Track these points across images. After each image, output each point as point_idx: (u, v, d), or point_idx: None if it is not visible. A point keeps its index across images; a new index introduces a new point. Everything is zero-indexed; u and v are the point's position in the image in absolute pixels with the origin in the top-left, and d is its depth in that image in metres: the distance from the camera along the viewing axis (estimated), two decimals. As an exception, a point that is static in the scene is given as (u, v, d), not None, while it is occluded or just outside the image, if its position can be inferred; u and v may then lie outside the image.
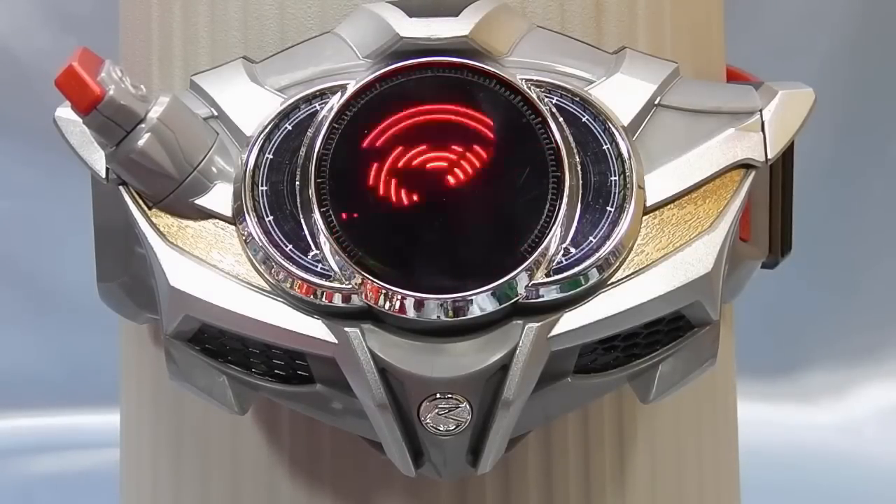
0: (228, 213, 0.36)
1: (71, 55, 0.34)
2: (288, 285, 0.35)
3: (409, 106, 0.35)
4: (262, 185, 0.36)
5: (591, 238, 0.35)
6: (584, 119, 0.36)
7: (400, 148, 0.35)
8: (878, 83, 0.91)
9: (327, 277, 0.35)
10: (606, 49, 0.39)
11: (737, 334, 0.49)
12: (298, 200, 0.35)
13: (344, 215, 0.34)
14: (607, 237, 0.35)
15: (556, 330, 0.35)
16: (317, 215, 0.34)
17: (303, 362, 0.36)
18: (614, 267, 0.35)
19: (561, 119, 0.35)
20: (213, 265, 0.36)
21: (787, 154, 0.43)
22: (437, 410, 0.35)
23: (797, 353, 0.92)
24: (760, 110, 0.38)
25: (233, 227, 0.36)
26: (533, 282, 0.34)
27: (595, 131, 0.36)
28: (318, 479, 0.42)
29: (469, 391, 0.34)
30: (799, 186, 0.44)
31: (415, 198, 0.35)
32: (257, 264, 0.35)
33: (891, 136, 0.91)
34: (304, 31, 0.40)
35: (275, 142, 0.36)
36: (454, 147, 0.35)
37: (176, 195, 0.36)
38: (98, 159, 0.37)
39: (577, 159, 0.35)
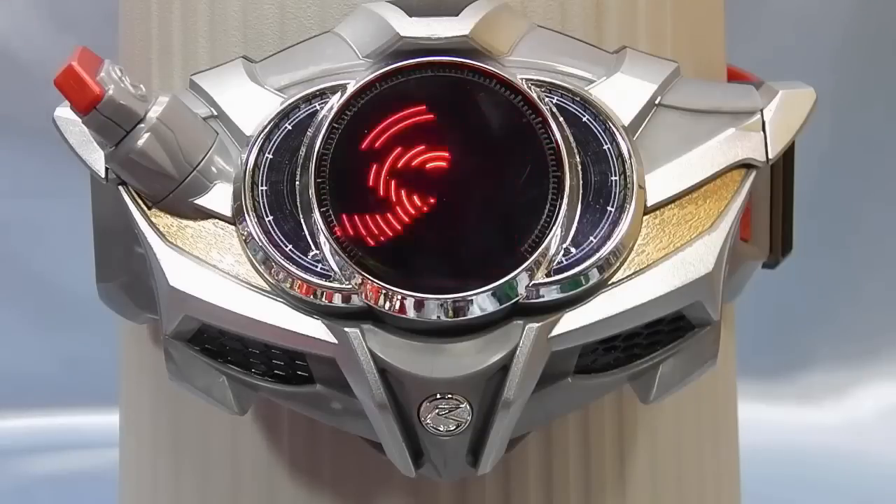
0: (228, 213, 0.36)
1: (70, 55, 0.34)
2: (288, 285, 0.35)
3: (409, 105, 0.35)
4: (261, 185, 0.35)
5: (591, 238, 0.35)
6: (584, 119, 0.36)
7: (400, 148, 0.35)
8: (879, 83, 0.91)
9: (327, 277, 0.35)
10: (607, 49, 0.39)
11: (737, 334, 0.49)
12: (298, 200, 0.35)
13: (344, 215, 0.34)
14: (608, 237, 0.35)
15: (557, 330, 0.35)
16: (317, 215, 0.34)
17: (303, 362, 0.36)
18: (615, 267, 0.35)
19: (561, 119, 0.35)
20: (212, 265, 0.36)
21: (788, 154, 0.43)
22: (437, 411, 0.34)
23: (798, 354, 0.92)
24: (761, 110, 0.38)
25: (232, 227, 0.36)
26: (533, 282, 0.34)
27: (595, 131, 0.36)
28: (318, 478, 0.42)
29: (469, 391, 0.34)
30: (799, 186, 0.44)
31: (415, 198, 0.35)
32: (257, 264, 0.35)
33: (892, 135, 0.91)
34: (304, 31, 0.40)
35: (275, 142, 0.36)
36: (454, 147, 0.35)
37: (175, 195, 0.36)
38: (97, 159, 0.37)
39: (578, 159, 0.35)
